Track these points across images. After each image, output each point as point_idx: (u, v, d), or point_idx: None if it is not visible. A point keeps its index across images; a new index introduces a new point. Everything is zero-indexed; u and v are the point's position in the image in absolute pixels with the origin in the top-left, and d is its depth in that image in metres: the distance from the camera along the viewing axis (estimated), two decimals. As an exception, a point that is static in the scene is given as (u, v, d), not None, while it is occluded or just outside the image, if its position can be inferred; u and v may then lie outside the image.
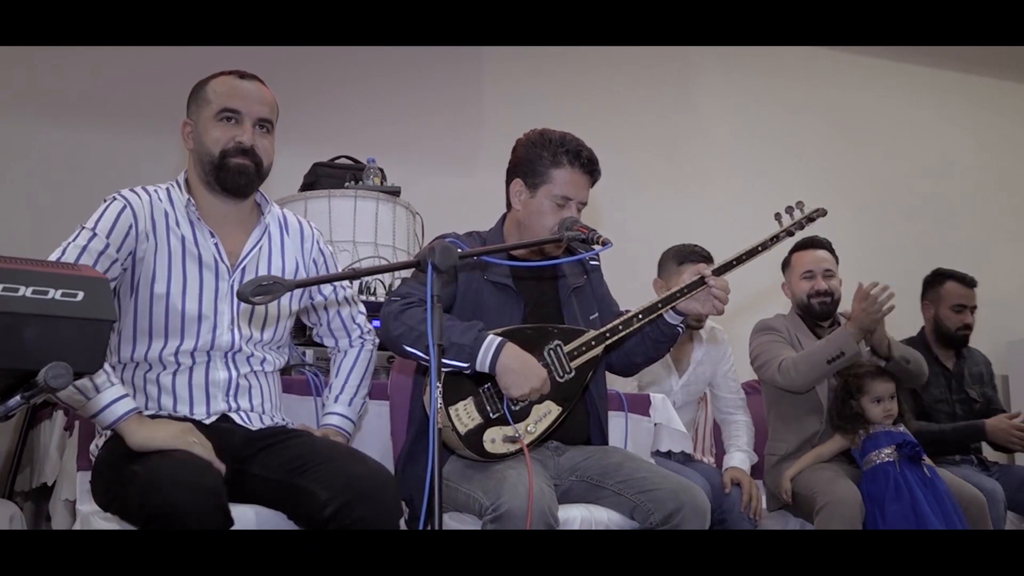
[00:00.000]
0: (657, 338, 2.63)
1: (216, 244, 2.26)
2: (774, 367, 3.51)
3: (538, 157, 2.56)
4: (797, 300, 3.69)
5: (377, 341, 2.66)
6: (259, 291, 1.84)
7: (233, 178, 2.27)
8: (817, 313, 3.64)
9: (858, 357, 3.39)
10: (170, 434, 2.01)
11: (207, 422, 2.19)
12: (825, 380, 3.46)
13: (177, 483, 1.84)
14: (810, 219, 2.75)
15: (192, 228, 2.26)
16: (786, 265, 3.78)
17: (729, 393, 3.79)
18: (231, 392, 2.25)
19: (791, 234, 2.72)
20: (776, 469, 3.50)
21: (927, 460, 3.20)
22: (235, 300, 2.23)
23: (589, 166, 2.55)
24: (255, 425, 2.26)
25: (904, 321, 3.94)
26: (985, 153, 6.32)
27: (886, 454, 3.20)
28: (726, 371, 3.84)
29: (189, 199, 2.27)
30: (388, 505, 2.01)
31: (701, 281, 2.52)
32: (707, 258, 3.54)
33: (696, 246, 3.67)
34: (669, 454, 3.47)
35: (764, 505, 3.51)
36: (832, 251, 3.71)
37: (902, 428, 3.31)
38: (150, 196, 2.27)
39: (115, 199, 2.23)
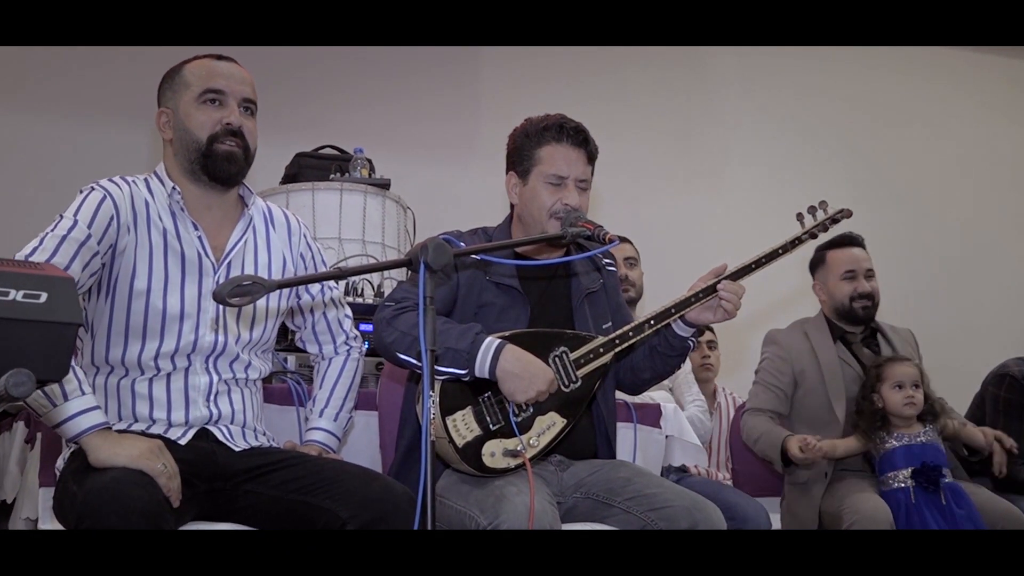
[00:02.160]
0: (666, 352, 2.62)
1: (200, 237, 2.26)
2: (748, 408, 3.59)
3: (524, 143, 2.58)
4: (836, 303, 3.65)
5: (364, 349, 2.65)
6: (237, 292, 1.82)
7: (223, 165, 2.27)
8: (859, 318, 3.62)
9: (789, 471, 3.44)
10: (137, 453, 1.99)
11: (183, 441, 2.18)
12: (843, 395, 3.45)
13: (110, 506, 1.83)
14: (834, 220, 2.74)
15: (174, 220, 2.26)
16: (818, 264, 3.75)
17: (687, 395, 3.80)
18: (212, 396, 2.25)
19: (814, 236, 2.71)
20: (803, 496, 3.45)
21: (950, 479, 3.19)
22: None
23: (576, 136, 2.55)
24: (238, 444, 2.25)
25: (930, 333, 3.95)
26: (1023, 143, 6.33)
27: (902, 478, 3.19)
28: (684, 375, 3.84)
29: (174, 187, 2.26)
30: (411, 520, 2.01)
31: (715, 287, 2.52)
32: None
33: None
34: (670, 469, 3.47)
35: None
36: (865, 249, 3.70)
37: (923, 435, 3.26)
38: (129, 186, 2.26)
39: (94, 189, 2.22)
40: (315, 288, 2.52)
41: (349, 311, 2.65)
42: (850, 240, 3.68)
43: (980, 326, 5.80)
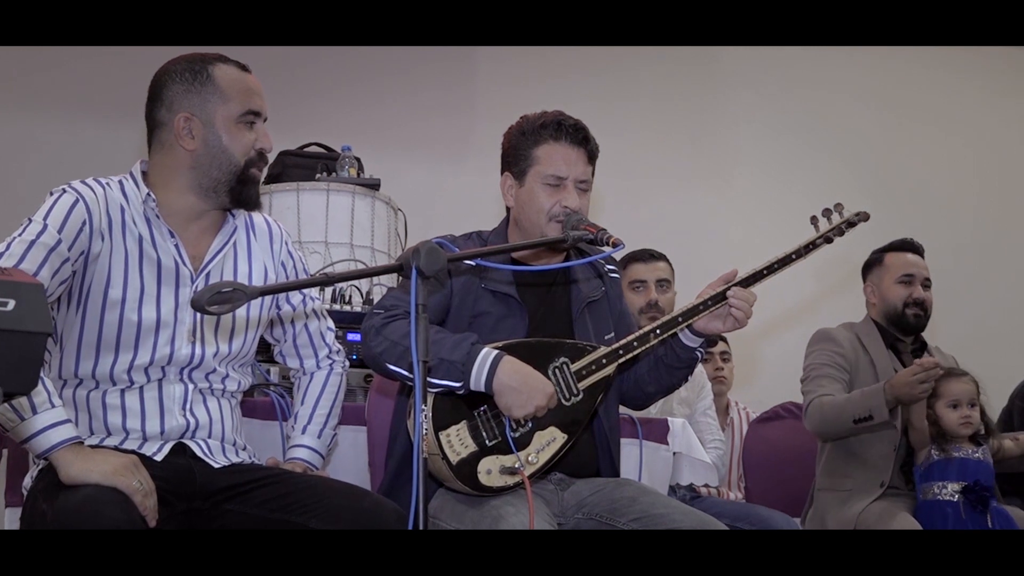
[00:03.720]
0: (672, 363, 2.63)
1: (176, 245, 2.26)
2: (807, 401, 3.54)
3: (520, 142, 2.58)
4: (887, 306, 3.67)
5: (347, 364, 2.66)
6: (217, 299, 1.83)
7: (252, 191, 2.31)
8: (909, 326, 3.64)
9: (889, 424, 3.39)
10: (110, 469, 1.98)
11: (159, 457, 2.18)
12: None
13: (83, 526, 1.83)
14: (851, 224, 2.75)
15: (149, 227, 2.26)
16: (873, 266, 3.77)
17: (707, 435, 3.80)
18: (187, 405, 2.25)
19: (829, 241, 2.72)
20: (841, 506, 3.42)
21: (997, 504, 3.19)
22: None
23: (576, 134, 2.55)
24: (217, 460, 2.25)
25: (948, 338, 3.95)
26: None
27: (951, 491, 3.19)
28: (705, 408, 3.84)
29: (149, 194, 2.26)
30: None
31: (725, 294, 2.52)
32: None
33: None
34: (678, 488, 3.47)
35: None
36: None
37: (980, 454, 3.26)
38: (103, 189, 2.25)
39: (65, 191, 2.21)
40: (297, 298, 2.52)
41: (332, 323, 2.65)
42: (912, 246, 3.72)
43: (1001, 333, 5.81)
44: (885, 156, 5.99)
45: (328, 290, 3.41)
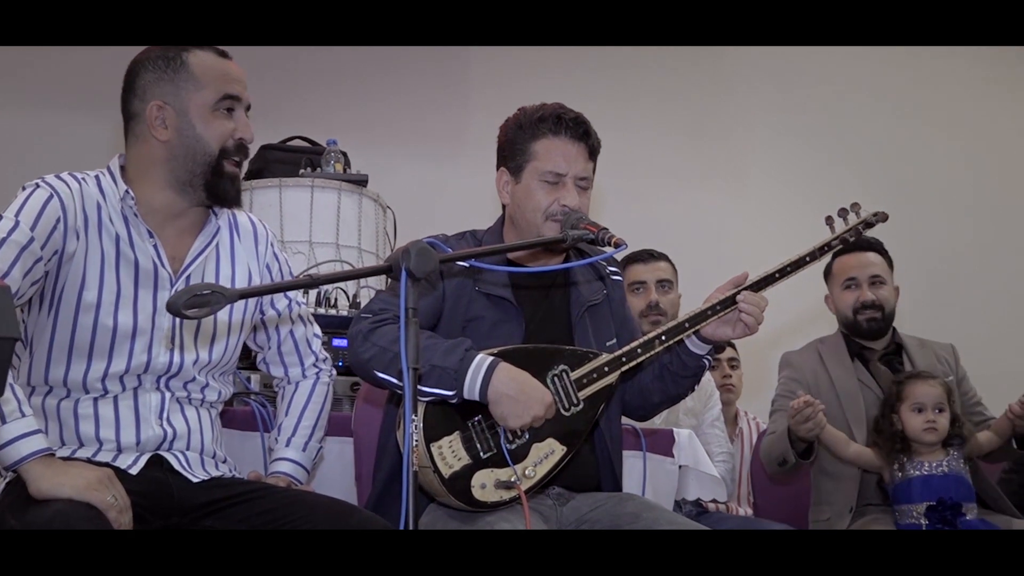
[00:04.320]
0: (678, 372, 2.64)
1: (155, 246, 2.27)
2: (764, 436, 3.63)
3: (517, 136, 2.59)
4: (841, 315, 3.72)
5: (334, 373, 2.67)
6: (194, 302, 1.83)
7: (228, 186, 2.30)
8: (864, 331, 3.66)
9: (805, 465, 3.45)
10: (83, 483, 2.00)
11: (134, 471, 2.20)
12: (864, 421, 3.48)
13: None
14: (868, 224, 2.76)
15: (127, 225, 2.27)
16: (828, 273, 3.80)
17: (715, 447, 3.81)
18: (164, 414, 2.27)
19: (846, 242, 2.74)
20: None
21: (973, 515, 3.21)
22: None
23: (576, 128, 2.56)
24: (196, 474, 2.26)
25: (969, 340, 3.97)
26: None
27: (916, 513, 3.21)
28: (712, 418, 3.86)
29: (127, 191, 2.26)
30: None
31: (734, 299, 2.54)
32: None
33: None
34: (684, 503, 3.49)
35: None
36: (884, 254, 3.72)
37: (946, 464, 3.27)
38: (79, 184, 2.26)
39: (38, 186, 2.22)
40: (281, 303, 2.53)
41: (318, 329, 2.66)
42: (858, 244, 3.67)
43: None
44: (902, 156, 6.01)
45: (312, 293, 3.42)
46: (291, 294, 2.55)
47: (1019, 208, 6.22)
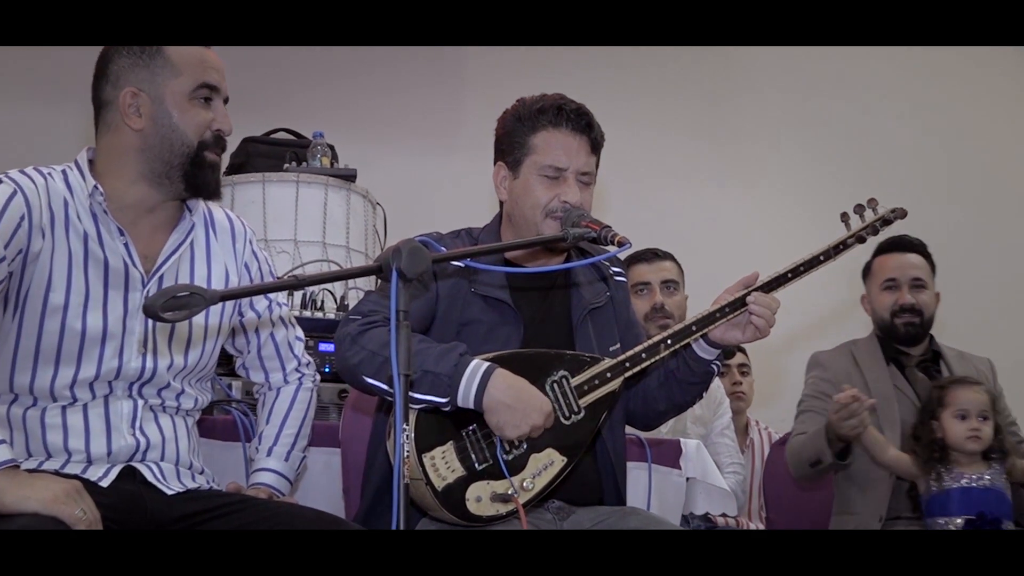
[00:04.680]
0: (685, 378, 2.63)
1: (126, 244, 2.26)
2: (791, 438, 3.61)
3: (515, 128, 2.59)
4: (878, 318, 3.71)
5: (317, 378, 2.66)
6: (172, 304, 1.82)
7: (208, 176, 2.29)
8: (901, 336, 3.66)
9: (842, 466, 3.44)
10: (50, 496, 1.98)
11: (104, 483, 2.18)
12: (898, 428, 3.46)
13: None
14: (886, 221, 2.75)
15: (95, 223, 2.25)
16: (867, 272, 3.80)
17: (725, 457, 3.80)
18: (137, 423, 2.25)
19: (862, 240, 2.72)
20: None
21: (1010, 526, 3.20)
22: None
23: (578, 120, 2.55)
24: (171, 486, 2.25)
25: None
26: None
27: (952, 527, 3.19)
28: (722, 428, 3.85)
29: (96, 186, 2.24)
30: None
31: (744, 300, 2.53)
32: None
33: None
34: (692, 518, 3.48)
35: None
36: (927, 256, 3.72)
37: (988, 478, 3.26)
38: (45, 180, 2.24)
39: (1, 182, 2.20)
40: (261, 304, 2.52)
41: (301, 332, 2.65)
42: (900, 244, 3.69)
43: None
44: (918, 155, 6.02)
45: (297, 295, 3.41)
46: (271, 295, 2.53)
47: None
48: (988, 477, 3.26)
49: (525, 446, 2.40)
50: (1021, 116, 6.35)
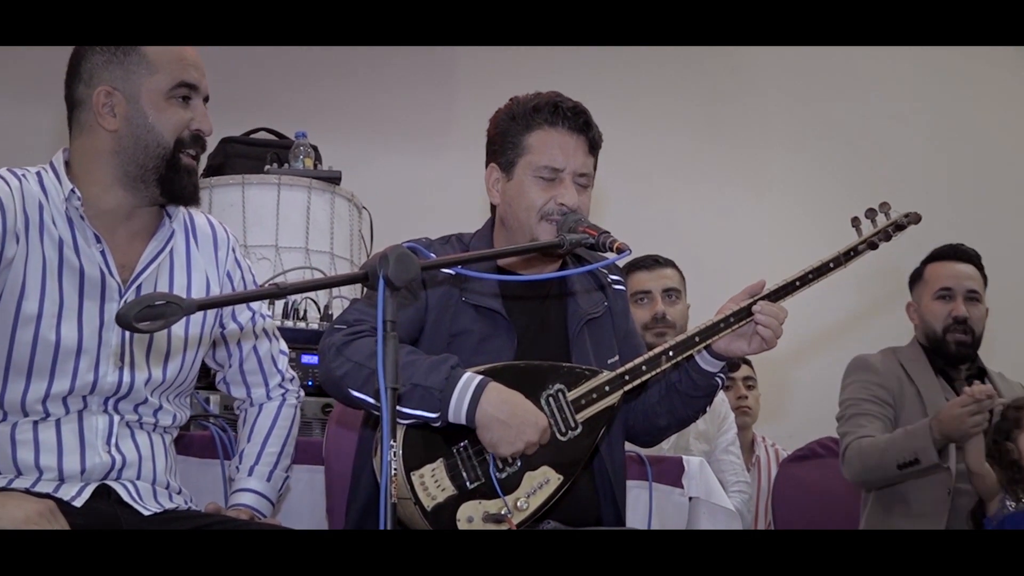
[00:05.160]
0: (688, 391, 2.63)
1: (103, 252, 2.26)
2: (844, 445, 3.55)
3: (509, 127, 2.60)
4: (928, 329, 3.70)
5: (301, 394, 2.67)
6: (147, 314, 1.82)
7: (185, 180, 2.29)
8: (951, 355, 3.64)
9: (941, 468, 3.38)
10: (22, 516, 1.98)
11: (78, 502, 2.19)
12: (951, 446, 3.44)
13: None
14: (899, 227, 2.76)
15: (71, 228, 2.25)
16: (917, 279, 3.79)
17: (730, 475, 3.81)
18: (112, 439, 2.26)
19: (874, 246, 2.73)
20: None
21: None
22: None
23: (575, 119, 2.56)
24: (148, 506, 2.26)
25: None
26: None
27: None
28: (727, 444, 3.85)
29: (73, 190, 2.24)
30: None
31: (750, 309, 2.54)
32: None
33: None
34: None
35: None
36: (982, 269, 3.71)
37: None
38: (19, 182, 2.25)
39: None
40: (244, 315, 2.53)
41: (284, 346, 2.66)
42: (957, 252, 3.68)
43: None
44: (930, 157, 6.04)
45: (279, 304, 3.41)
46: (255, 305, 2.54)
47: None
48: None
49: (519, 463, 2.40)
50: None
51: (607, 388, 2.49)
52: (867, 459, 3.48)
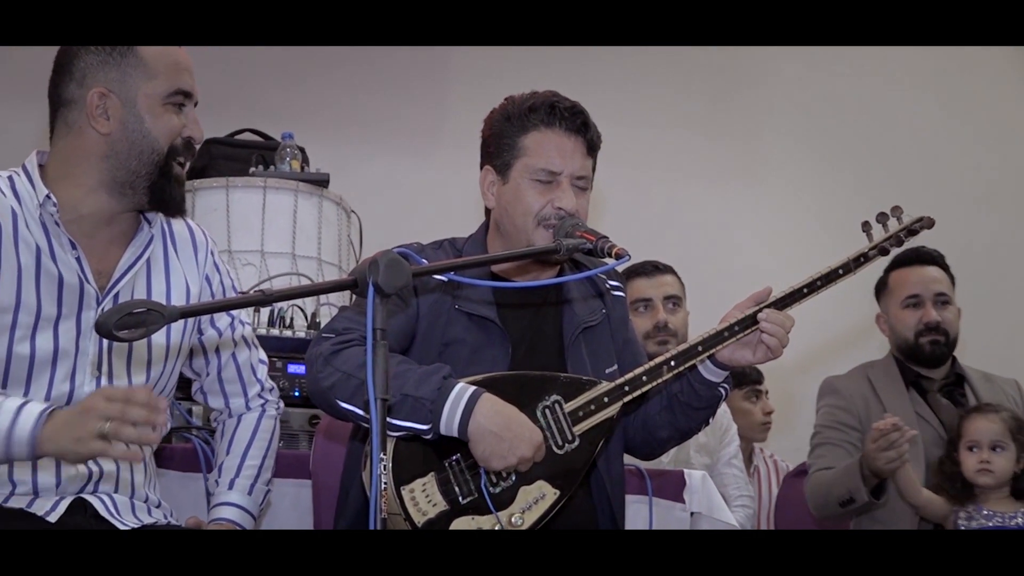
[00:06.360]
0: (690, 402, 2.64)
1: (78, 259, 2.26)
2: (808, 476, 3.59)
3: (504, 128, 2.60)
4: (899, 338, 3.71)
5: (281, 405, 2.67)
6: (128, 322, 1.83)
7: (175, 190, 2.31)
8: (926, 356, 3.66)
9: (876, 506, 3.40)
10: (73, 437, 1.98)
11: (52, 517, 2.18)
12: (922, 460, 3.45)
13: None
14: (911, 231, 2.76)
15: (47, 234, 2.25)
16: (882, 288, 3.80)
17: (733, 489, 3.81)
18: None
19: (885, 252, 2.73)
20: None
21: None
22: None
23: (573, 119, 2.56)
24: (126, 521, 2.25)
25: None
26: None
27: None
28: (729, 457, 3.85)
29: (48, 195, 2.24)
30: None
31: (756, 318, 2.54)
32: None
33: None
34: None
35: None
36: (947, 269, 3.73)
37: (1021, 517, 3.26)
38: None
39: None
40: (223, 322, 2.53)
41: (264, 355, 2.66)
42: (919, 256, 3.69)
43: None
44: (940, 159, 6.05)
45: (264, 311, 3.41)
46: (233, 312, 2.54)
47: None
48: (1021, 517, 3.26)
49: (514, 478, 2.40)
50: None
51: (606, 399, 2.49)
52: (816, 496, 3.55)
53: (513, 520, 2.39)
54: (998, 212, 6.09)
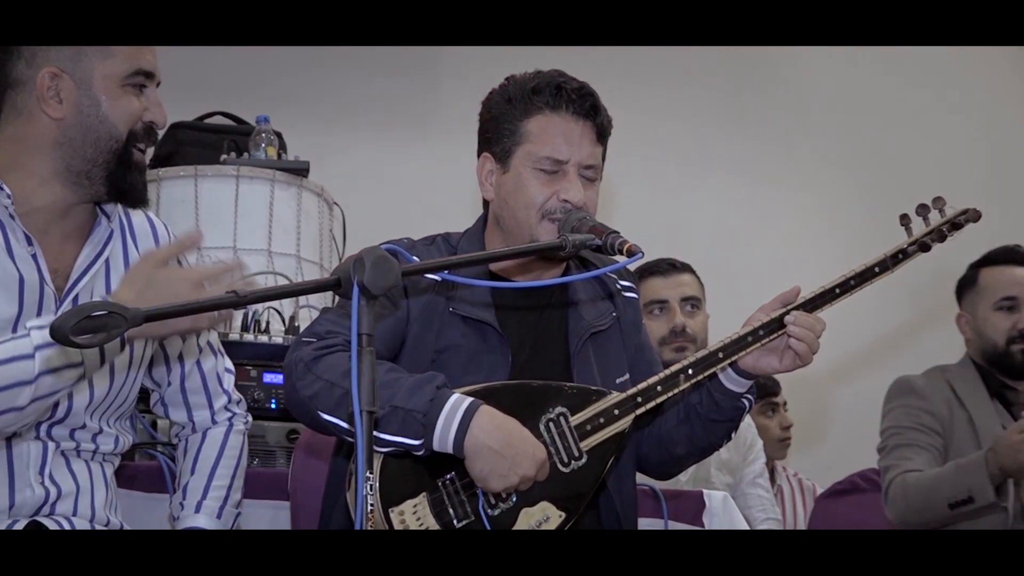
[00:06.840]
0: (711, 415, 2.63)
1: (35, 256, 2.26)
2: (887, 480, 3.55)
3: (504, 111, 2.60)
4: (986, 343, 3.70)
5: (249, 419, 2.67)
6: (86, 326, 1.82)
7: (135, 178, 2.31)
8: (1016, 366, 3.64)
9: (998, 507, 3.37)
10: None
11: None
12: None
13: None
14: (956, 225, 2.75)
15: (3, 231, 2.25)
16: (968, 286, 3.79)
17: (758, 511, 3.82)
18: (46, 470, 2.26)
19: (926, 248, 2.72)
20: None
21: None
22: None
23: (581, 102, 2.56)
24: None
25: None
26: None
27: None
28: (754, 476, 3.86)
29: (2, 187, 2.23)
30: None
31: (783, 321, 2.54)
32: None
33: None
34: None
35: None
36: None
37: None
38: None
39: None
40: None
41: (230, 364, 2.66)
42: (1017, 256, 3.68)
43: None
44: (972, 154, 6.07)
45: (238, 314, 3.41)
46: None
47: None
48: None
49: (514, 499, 2.41)
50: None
51: (616, 412, 2.49)
52: (913, 497, 3.47)
53: (514, 545, 2.39)
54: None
